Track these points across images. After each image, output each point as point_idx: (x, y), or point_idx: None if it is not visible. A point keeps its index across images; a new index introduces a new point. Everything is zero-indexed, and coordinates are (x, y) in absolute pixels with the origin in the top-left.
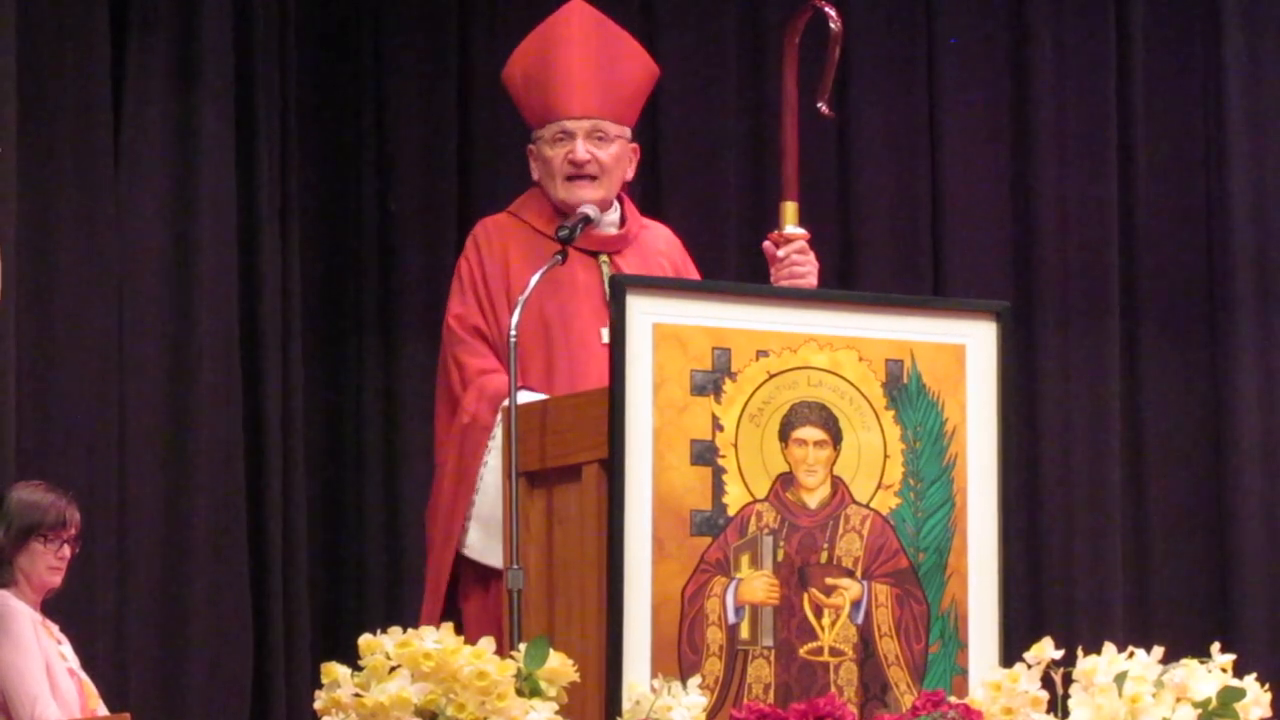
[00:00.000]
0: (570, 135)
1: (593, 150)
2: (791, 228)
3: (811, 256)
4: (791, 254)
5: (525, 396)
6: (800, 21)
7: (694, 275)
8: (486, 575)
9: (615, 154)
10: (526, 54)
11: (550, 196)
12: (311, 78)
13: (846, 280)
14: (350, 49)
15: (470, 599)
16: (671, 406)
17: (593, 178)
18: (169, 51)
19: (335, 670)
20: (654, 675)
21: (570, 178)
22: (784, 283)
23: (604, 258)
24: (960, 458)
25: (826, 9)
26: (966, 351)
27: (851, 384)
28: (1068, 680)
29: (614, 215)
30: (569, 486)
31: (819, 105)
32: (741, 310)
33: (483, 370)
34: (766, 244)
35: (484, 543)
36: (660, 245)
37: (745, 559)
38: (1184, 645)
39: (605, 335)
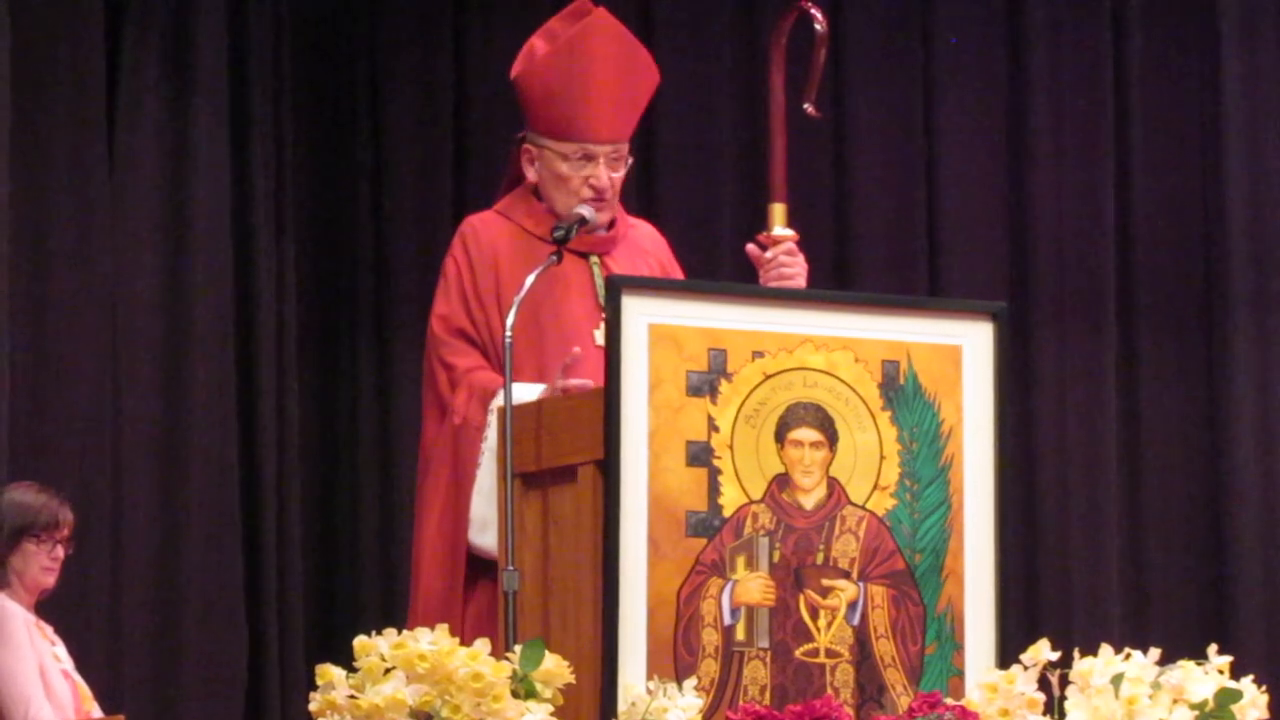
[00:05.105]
0: (593, 158)
1: (611, 176)
2: (780, 229)
3: (800, 258)
4: (779, 255)
5: (519, 388)
6: (786, 24)
7: (678, 274)
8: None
9: (624, 174)
10: (550, 64)
11: (553, 206)
12: (306, 79)
13: (843, 281)
14: (345, 50)
15: (472, 600)
16: (667, 407)
17: (606, 200)
18: (163, 53)
19: (330, 672)
20: (649, 677)
21: (587, 200)
22: (772, 284)
23: (594, 258)
24: (957, 459)
25: (812, 11)
26: (963, 352)
27: (848, 385)
28: (1064, 682)
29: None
30: (564, 488)
31: (805, 107)
32: (737, 311)
33: (470, 369)
34: (750, 246)
35: (481, 540)
36: (646, 244)
37: (741, 560)
38: (1181, 647)
39: (599, 336)
